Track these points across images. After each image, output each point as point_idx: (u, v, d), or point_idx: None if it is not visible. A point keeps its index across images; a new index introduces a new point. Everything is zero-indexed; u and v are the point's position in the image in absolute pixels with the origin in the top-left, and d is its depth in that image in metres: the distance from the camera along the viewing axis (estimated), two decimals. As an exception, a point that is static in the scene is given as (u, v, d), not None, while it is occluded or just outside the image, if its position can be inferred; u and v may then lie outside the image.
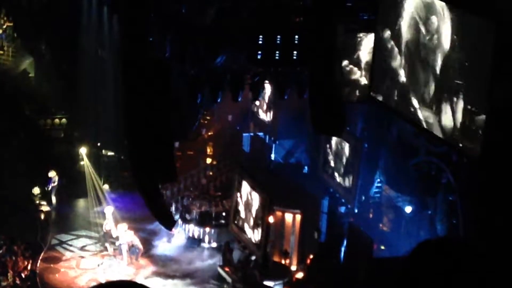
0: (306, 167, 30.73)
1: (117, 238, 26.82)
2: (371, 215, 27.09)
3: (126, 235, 26.75)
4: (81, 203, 30.73)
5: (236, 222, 27.26)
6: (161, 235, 28.21)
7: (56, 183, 30.27)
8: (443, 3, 16.41)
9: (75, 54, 32.90)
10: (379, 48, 19.35)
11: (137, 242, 26.72)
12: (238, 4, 21.32)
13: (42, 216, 29.64)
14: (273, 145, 31.66)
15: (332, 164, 27.97)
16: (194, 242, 28.14)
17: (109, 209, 27.82)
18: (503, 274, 3.23)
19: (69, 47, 32.79)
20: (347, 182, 26.97)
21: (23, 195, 30.02)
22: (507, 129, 15.49)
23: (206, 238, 28.31)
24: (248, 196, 26.58)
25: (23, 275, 25.23)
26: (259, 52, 20.99)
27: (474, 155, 16.26)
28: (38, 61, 36.47)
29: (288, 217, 26.07)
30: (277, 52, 21.01)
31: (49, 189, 30.23)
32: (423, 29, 17.33)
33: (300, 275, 25.32)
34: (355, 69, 21.38)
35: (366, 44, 20.90)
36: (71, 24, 32.20)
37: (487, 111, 15.54)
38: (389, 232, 26.09)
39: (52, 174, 30.19)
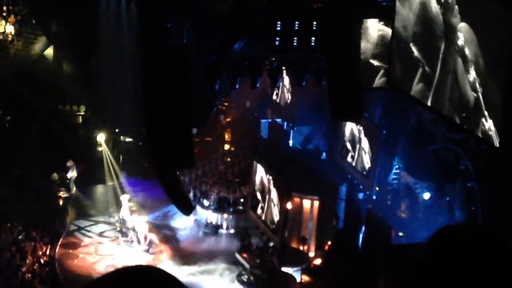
0: (324, 154, 30.68)
1: (133, 228, 26.89)
2: (389, 202, 27.03)
3: (142, 225, 26.83)
4: (99, 189, 30.85)
5: (254, 208, 27.29)
6: (179, 221, 28.27)
7: (74, 172, 30.34)
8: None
9: (94, 41, 32.97)
10: (398, 34, 19.28)
11: (153, 237, 26.73)
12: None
13: (61, 202, 29.79)
14: (291, 132, 31.61)
15: (350, 150, 27.92)
16: (212, 228, 28.17)
17: (125, 197, 27.87)
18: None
19: (87, 34, 32.85)
20: (365, 169, 26.92)
21: (42, 181, 30.17)
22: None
23: (224, 224, 28.35)
24: (265, 183, 26.59)
25: (42, 261, 25.40)
26: (277, 39, 20.94)
27: (493, 141, 16.19)
28: (57, 48, 36.53)
29: (306, 203, 26.04)
30: (295, 38, 20.94)
31: (68, 178, 30.34)
32: (440, 16, 17.24)
33: (318, 261, 25.33)
34: (374, 55, 21.26)
35: (384, 30, 20.79)
36: (89, 11, 32.26)
37: (506, 98, 15.47)
38: (407, 219, 26.02)
39: (70, 163, 30.28)
